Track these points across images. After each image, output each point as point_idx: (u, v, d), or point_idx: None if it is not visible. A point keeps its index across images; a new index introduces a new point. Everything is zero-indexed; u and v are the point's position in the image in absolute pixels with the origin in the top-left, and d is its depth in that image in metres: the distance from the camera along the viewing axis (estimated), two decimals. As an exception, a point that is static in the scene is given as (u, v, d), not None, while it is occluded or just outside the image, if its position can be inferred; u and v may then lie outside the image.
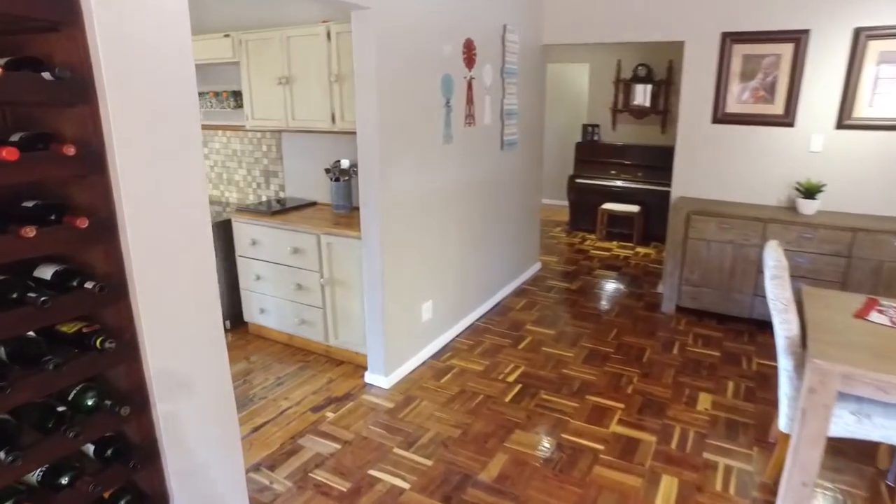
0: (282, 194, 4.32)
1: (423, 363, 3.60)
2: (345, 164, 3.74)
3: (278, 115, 3.67)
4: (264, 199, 4.42)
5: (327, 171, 3.79)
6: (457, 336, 3.99)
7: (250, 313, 4.01)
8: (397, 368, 3.37)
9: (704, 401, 3.14)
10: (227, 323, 4.18)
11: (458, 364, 3.59)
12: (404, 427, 2.91)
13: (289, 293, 3.70)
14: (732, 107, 4.24)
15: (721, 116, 4.29)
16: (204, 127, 4.70)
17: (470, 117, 3.81)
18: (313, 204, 4.09)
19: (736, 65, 4.15)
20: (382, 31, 2.82)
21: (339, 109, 3.39)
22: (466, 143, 3.79)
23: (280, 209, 3.86)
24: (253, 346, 3.92)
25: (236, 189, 4.58)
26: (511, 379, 3.41)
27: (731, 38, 4.12)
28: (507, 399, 3.18)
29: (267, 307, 3.87)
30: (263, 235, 3.71)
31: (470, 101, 3.78)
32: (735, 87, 4.20)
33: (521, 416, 3.00)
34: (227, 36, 3.71)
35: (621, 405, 3.11)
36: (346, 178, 3.75)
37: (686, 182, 4.50)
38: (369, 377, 3.35)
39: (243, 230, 3.82)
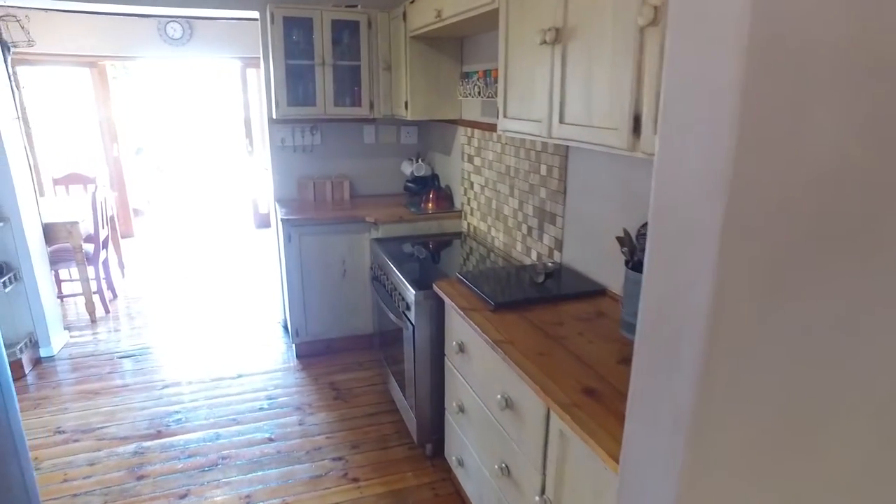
0: (556, 256, 2.40)
1: None
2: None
3: (539, 109, 1.76)
4: (533, 256, 2.59)
5: (620, 241, 1.71)
6: None
7: (450, 452, 2.30)
8: None
9: None
10: (429, 447, 2.57)
11: None
12: None
13: (492, 467, 1.83)
14: None
15: None
16: (465, 123, 3.13)
17: None
18: (599, 294, 2.06)
19: None
20: None
21: (652, 100, 1.27)
22: None
23: (523, 298, 1.99)
24: (439, 518, 2.22)
25: (503, 228, 2.87)
26: None
27: None
28: None
29: (467, 463, 2.09)
30: (473, 344, 1.91)
31: None
32: None
33: None
34: (487, -39, 1.97)
35: None
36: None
37: None
38: None
39: (453, 320, 2.09)
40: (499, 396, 1.68)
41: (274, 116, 3.33)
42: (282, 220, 3.22)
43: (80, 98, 6.22)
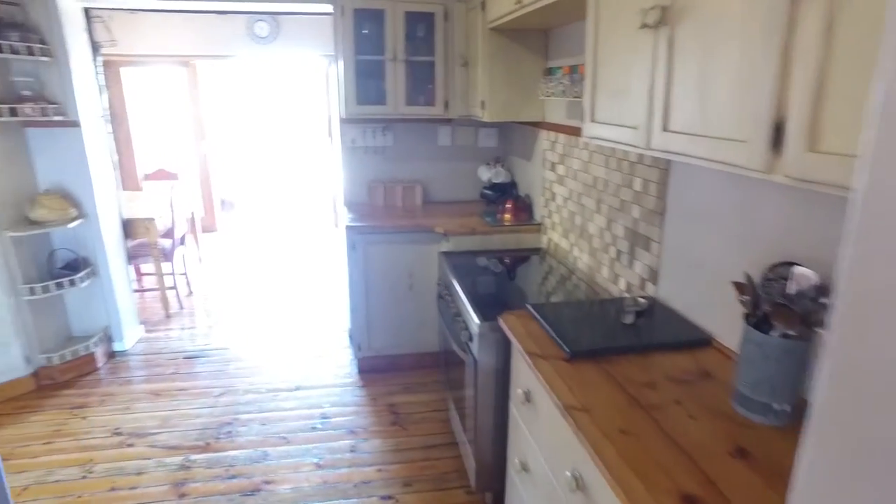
0: (650, 289, 1.99)
1: None
2: (809, 284, 1.17)
3: (635, 112, 1.38)
4: (622, 285, 2.19)
5: (740, 288, 1.30)
6: None
7: (511, 514, 1.97)
8: None
9: None
10: (489, 497, 2.25)
11: None
12: None
13: (555, 561, 1.48)
14: None
15: None
16: (548, 127, 2.76)
17: None
18: (703, 344, 1.64)
19: None
20: None
21: (806, 101, 0.88)
22: None
23: (606, 346, 1.62)
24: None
25: (587, 248, 2.49)
26: None
27: None
28: None
29: (528, 537, 1.75)
30: (541, 398, 1.57)
31: None
32: None
33: None
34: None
35: None
36: (807, 332, 1.18)
37: None
38: None
39: (519, 364, 1.76)
40: (568, 473, 1.33)
41: (343, 115, 3.13)
42: (346, 226, 3.02)
43: (174, 96, 6.43)
